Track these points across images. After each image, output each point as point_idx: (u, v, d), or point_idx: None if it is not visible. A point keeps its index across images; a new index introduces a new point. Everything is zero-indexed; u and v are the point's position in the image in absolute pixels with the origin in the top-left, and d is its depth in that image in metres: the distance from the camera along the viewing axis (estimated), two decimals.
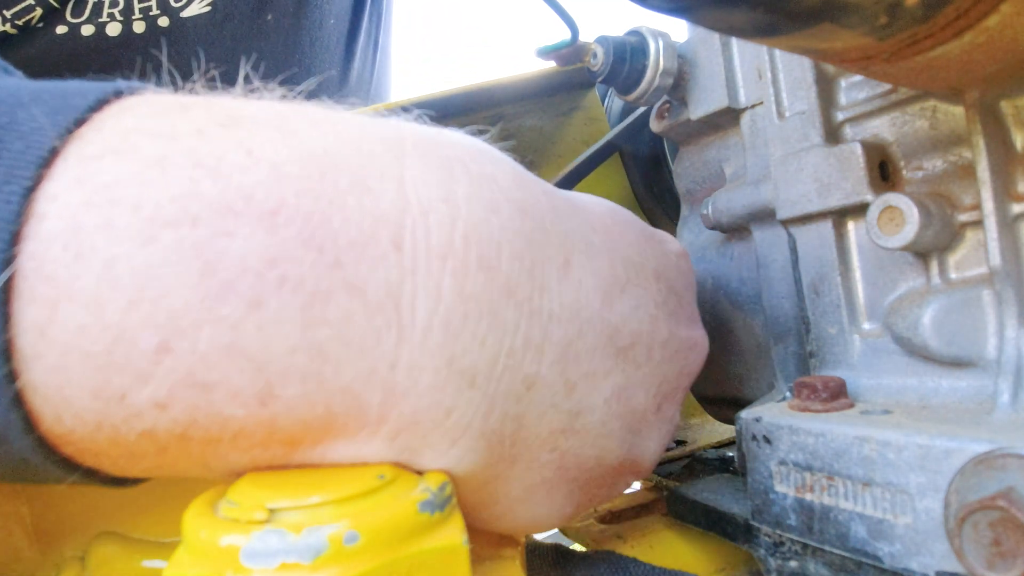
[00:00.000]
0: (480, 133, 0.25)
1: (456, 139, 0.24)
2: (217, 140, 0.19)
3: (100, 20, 0.61)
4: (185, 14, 0.63)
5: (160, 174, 0.18)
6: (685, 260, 0.33)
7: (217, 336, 0.18)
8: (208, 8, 0.64)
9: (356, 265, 0.19)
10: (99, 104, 0.19)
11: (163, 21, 0.63)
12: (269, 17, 0.67)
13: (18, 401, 0.18)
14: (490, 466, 0.23)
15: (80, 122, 0.19)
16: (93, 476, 0.21)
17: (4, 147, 0.18)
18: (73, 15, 0.60)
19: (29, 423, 0.18)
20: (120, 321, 0.18)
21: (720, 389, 0.41)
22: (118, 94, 0.20)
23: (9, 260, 0.17)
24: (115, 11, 0.61)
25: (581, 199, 0.28)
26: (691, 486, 0.36)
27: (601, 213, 0.28)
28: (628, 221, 0.29)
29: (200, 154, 0.19)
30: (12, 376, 0.17)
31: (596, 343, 0.25)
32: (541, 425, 0.24)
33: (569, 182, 0.49)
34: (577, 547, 0.34)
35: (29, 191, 0.17)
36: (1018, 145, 0.25)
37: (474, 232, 0.21)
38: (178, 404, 0.18)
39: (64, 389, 0.18)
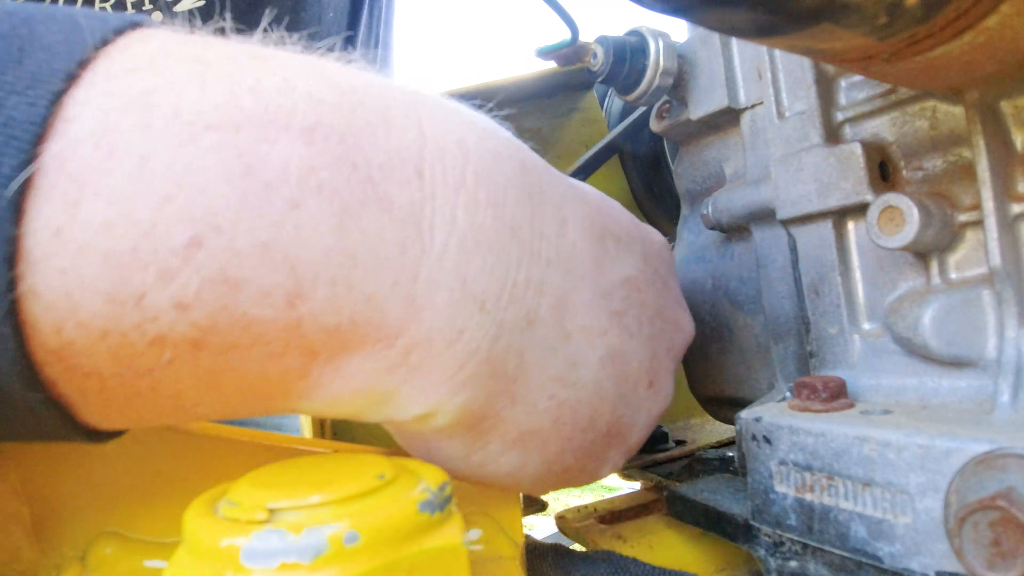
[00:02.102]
0: (479, 108, 0.26)
1: (459, 103, 0.25)
2: (251, 67, 0.20)
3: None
4: (178, 8, 0.63)
5: (199, 87, 0.19)
6: (667, 249, 0.35)
7: (255, 233, 0.18)
8: (202, 3, 0.64)
9: (385, 183, 0.20)
10: (121, 30, 0.19)
11: (156, 16, 0.62)
12: (267, 11, 0.67)
13: (14, 309, 0.17)
14: (490, 400, 0.24)
15: (105, 42, 0.18)
16: (64, 416, 0.19)
17: (27, 55, 0.17)
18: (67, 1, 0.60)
19: (20, 332, 0.17)
20: (151, 217, 0.17)
21: (720, 389, 0.41)
22: (137, 25, 0.20)
23: (30, 160, 0.16)
24: (107, 6, 0.61)
25: (573, 180, 0.30)
26: (691, 486, 0.36)
27: (593, 192, 0.30)
28: (617, 207, 0.32)
29: (237, 75, 0.19)
30: (13, 283, 0.17)
31: (590, 300, 0.26)
32: (541, 367, 0.25)
33: None
34: (577, 547, 0.34)
35: (58, 95, 0.17)
36: (1018, 145, 0.25)
37: (483, 174, 0.23)
38: (202, 304, 0.18)
39: (73, 292, 0.17)
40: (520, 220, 0.24)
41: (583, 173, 0.50)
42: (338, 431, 0.43)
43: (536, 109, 0.54)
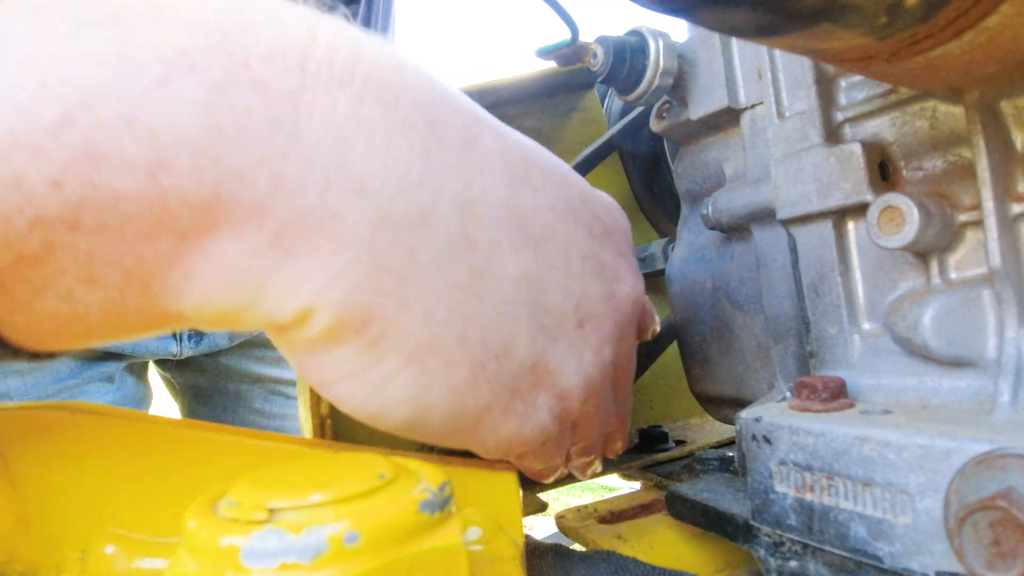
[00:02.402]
0: None
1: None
2: None
3: None
4: None
5: None
6: (620, 213, 0.35)
7: (118, 107, 0.19)
8: None
9: (262, 69, 0.21)
10: None
11: None
12: None
13: None
14: (376, 299, 0.23)
15: None
16: None
17: None
18: None
19: None
20: (28, 99, 0.19)
21: (720, 389, 0.41)
22: None
23: None
24: None
25: (512, 131, 0.30)
26: (691, 486, 0.36)
27: (527, 139, 0.30)
28: (558, 162, 0.31)
29: None
30: None
31: (501, 216, 0.26)
32: (438, 271, 0.24)
33: None
34: (577, 547, 0.34)
35: None
36: (1018, 145, 0.25)
37: (375, 75, 0.23)
38: (71, 180, 0.19)
39: None
40: (416, 122, 0.24)
41: (581, 171, 0.50)
42: (338, 431, 0.43)
43: (536, 109, 0.54)
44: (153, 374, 0.99)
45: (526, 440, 0.29)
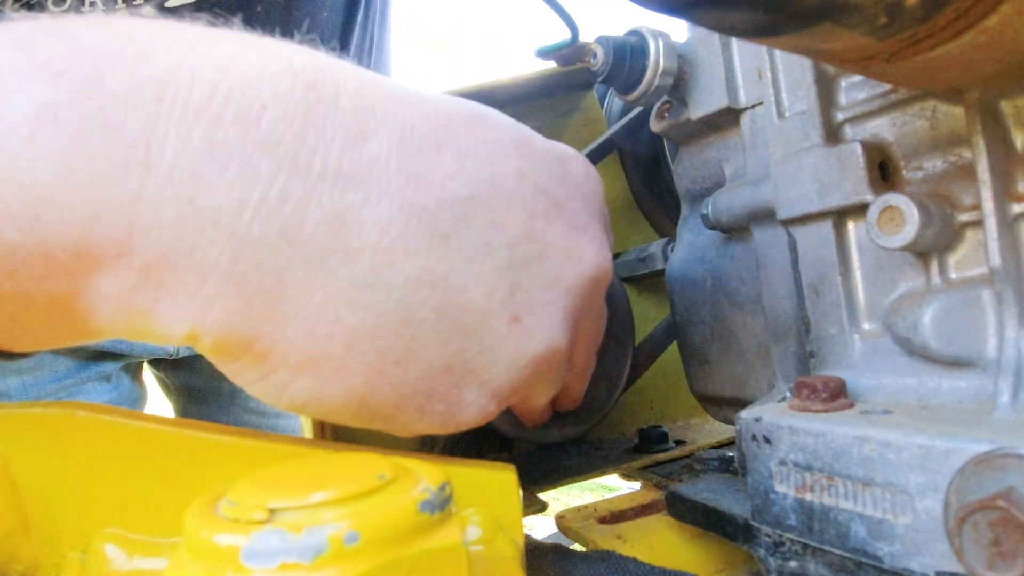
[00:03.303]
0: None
1: (263, 39, 0.26)
2: (37, 32, 0.23)
3: (83, 9, 0.60)
4: (170, 4, 0.62)
5: None
6: (586, 173, 0.33)
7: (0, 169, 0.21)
8: None
9: (117, 111, 0.22)
10: None
11: (147, 11, 0.62)
12: (259, 8, 0.66)
13: None
14: (250, 321, 0.24)
15: None
16: None
17: None
18: (55, 4, 0.59)
19: None
20: None
21: (720, 389, 0.41)
22: None
23: None
24: (98, 0, 0.60)
25: (440, 101, 0.29)
26: (691, 486, 0.36)
27: (453, 105, 0.29)
28: (491, 133, 0.29)
29: (16, 37, 0.22)
30: None
31: (393, 217, 0.25)
32: (314, 288, 0.24)
33: None
34: (577, 547, 0.34)
35: None
36: (1018, 145, 0.26)
37: (237, 91, 0.23)
38: None
39: None
40: (281, 135, 0.23)
41: None
42: (338, 431, 0.43)
43: (536, 109, 0.54)
44: (147, 374, 0.99)
45: (459, 427, 0.29)
